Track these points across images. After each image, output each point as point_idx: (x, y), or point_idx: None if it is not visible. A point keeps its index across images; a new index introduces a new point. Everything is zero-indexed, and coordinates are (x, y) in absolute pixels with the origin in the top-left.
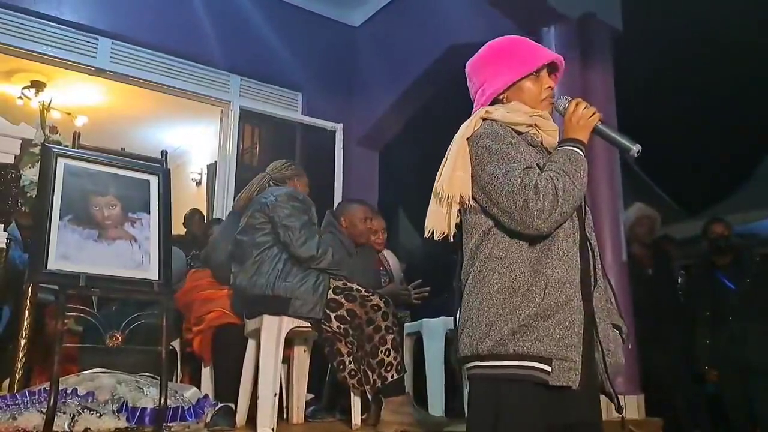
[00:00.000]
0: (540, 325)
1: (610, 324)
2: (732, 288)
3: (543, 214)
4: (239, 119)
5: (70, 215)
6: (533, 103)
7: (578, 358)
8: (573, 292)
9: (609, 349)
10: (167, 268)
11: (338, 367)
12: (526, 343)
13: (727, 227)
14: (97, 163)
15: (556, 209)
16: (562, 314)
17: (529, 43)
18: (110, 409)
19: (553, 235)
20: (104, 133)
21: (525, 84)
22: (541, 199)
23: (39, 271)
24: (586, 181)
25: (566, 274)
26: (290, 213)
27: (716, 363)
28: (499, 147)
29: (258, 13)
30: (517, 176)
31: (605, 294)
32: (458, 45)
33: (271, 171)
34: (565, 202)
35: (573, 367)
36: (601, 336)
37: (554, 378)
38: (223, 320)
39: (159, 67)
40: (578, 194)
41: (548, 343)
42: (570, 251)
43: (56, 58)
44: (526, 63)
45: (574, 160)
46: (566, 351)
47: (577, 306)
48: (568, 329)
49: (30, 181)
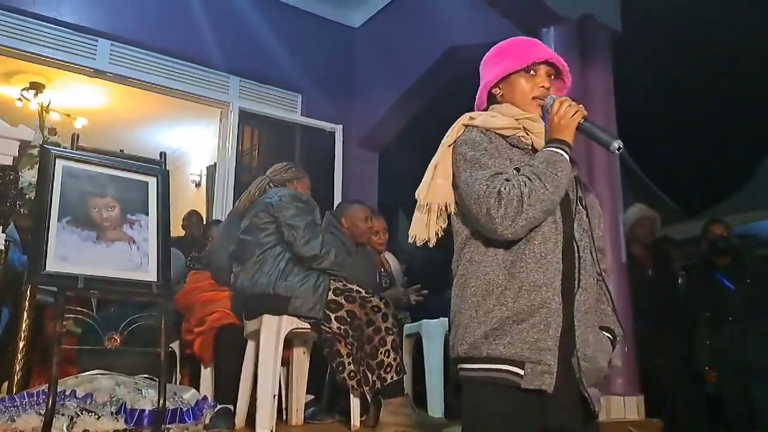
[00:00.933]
0: (513, 328)
1: (594, 328)
2: (732, 289)
3: (506, 221)
4: (238, 121)
5: (68, 217)
6: (523, 101)
7: (553, 361)
8: (551, 295)
9: (585, 353)
10: (166, 270)
11: (338, 368)
12: (499, 347)
13: (726, 228)
14: (96, 165)
15: (520, 215)
16: (538, 317)
17: (529, 42)
18: (109, 410)
19: (530, 238)
20: (103, 135)
21: (517, 79)
22: (503, 206)
23: (37, 273)
24: (565, 182)
25: (543, 277)
26: (295, 213)
27: (716, 364)
28: (473, 154)
29: (257, 15)
30: (483, 183)
31: (593, 297)
32: (458, 46)
33: (271, 174)
34: (531, 207)
35: (547, 371)
36: (578, 340)
37: (527, 381)
38: (225, 321)
39: (158, 68)
40: (549, 197)
41: (521, 346)
42: (549, 254)
43: (55, 59)
44: (518, 58)
45: (552, 161)
46: (539, 354)
47: (555, 309)
48: (542, 332)
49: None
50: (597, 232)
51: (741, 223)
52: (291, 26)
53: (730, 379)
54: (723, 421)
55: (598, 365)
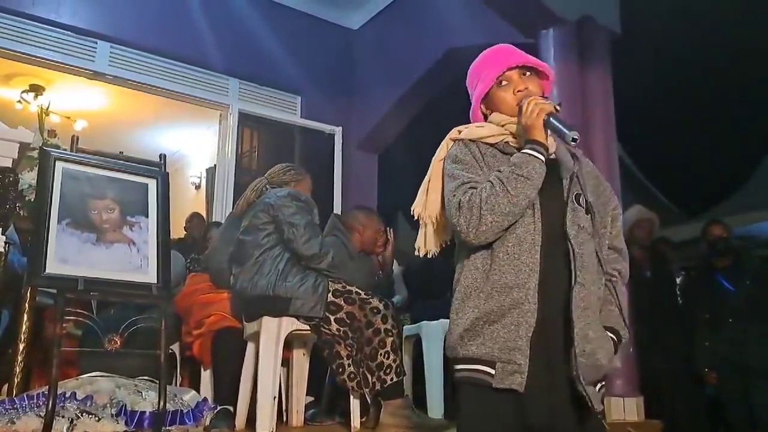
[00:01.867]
0: (486, 329)
1: (597, 325)
2: (731, 290)
3: (469, 228)
4: (238, 122)
5: (68, 219)
6: (510, 111)
7: (523, 361)
8: (523, 296)
9: (584, 349)
10: (166, 272)
11: (337, 369)
12: (472, 347)
13: (726, 229)
14: (96, 167)
15: (480, 221)
16: (510, 318)
17: (494, 53)
18: (109, 412)
19: (504, 240)
20: (103, 137)
21: (495, 94)
22: (463, 215)
23: (37, 275)
24: (533, 182)
25: (515, 278)
26: (295, 211)
27: (715, 365)
28: (450, 168)
29: (257, 17)
30: (450, 195)
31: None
32: (457, 48)
33: (269, 176)
34: (489, 212)
35: (517, 370)
36: (577, 336)
37: (497, 381)
38: (223, 324)
39: (158, 70)
40: (510, 201)
41: (491, 346)
42: (523, 255)
43: (55, 62)
44: (487, 76)
45: (519, 164)
46: (509, 354)
47: (528, 309)
48: (512, 332)
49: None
50: (610, 230)
51: (740, 224)
52: (290, 28)
53: (729, 381)
54: (723, 423)
55: (597, 362)
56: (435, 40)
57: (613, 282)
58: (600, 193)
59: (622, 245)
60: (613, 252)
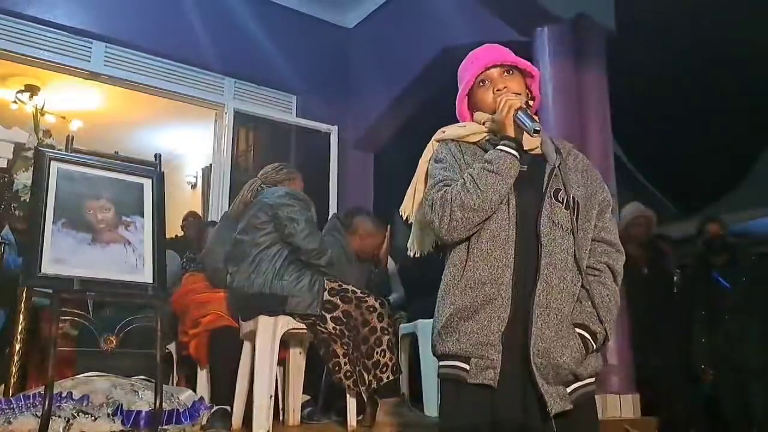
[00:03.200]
0: (461, 325)
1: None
2: (728, 287)
3: (441, 224)
4: (234, 122)
5: (63, 219)
6: (490, 109)
7: (496, 356)
8: (495, 291)
9: (538, 348)
10: (161, 272)
11: (334, 368)
12: (448, 343)
13: (722, 226)
14: (91, 167)
15: (449, 218)
16: (483, 313)
17: (476, 54)
18: (105, 412)
19: (478, 237)
20: (99, 137)
21: (476, 95)
22: (436, 212)
23: (32, 275)
24: (505, 179)
25: (488, 273)
26: (295, 208)
27: (712, 362)
28: (432, 168)
29: (252, 16)
30: (427, 194)
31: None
32: (452, 47)
33: (262, 176)
34: (459, 208)
35: (491, 365)
36: (533, 335)
37: (472, 376)
38: (219, 323)
39: (153, 70)
40: (479, 197)
41: (466, 342)
42: (497, 250)
43: (50, 62)
44: (467, 76)
45: (489, 160)
46: (483, 349)
47: (502, 304)
48: (485, 328)
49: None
50: (597, 222)
51: (737, 221)
52: (285, 27)
53: (726, 378)
54: (720, 420)
55: (554, 361)
56: (430, 38)
57: (596, 276)
58: (588, 185)
59: (612, 238)
60: (603, 244)
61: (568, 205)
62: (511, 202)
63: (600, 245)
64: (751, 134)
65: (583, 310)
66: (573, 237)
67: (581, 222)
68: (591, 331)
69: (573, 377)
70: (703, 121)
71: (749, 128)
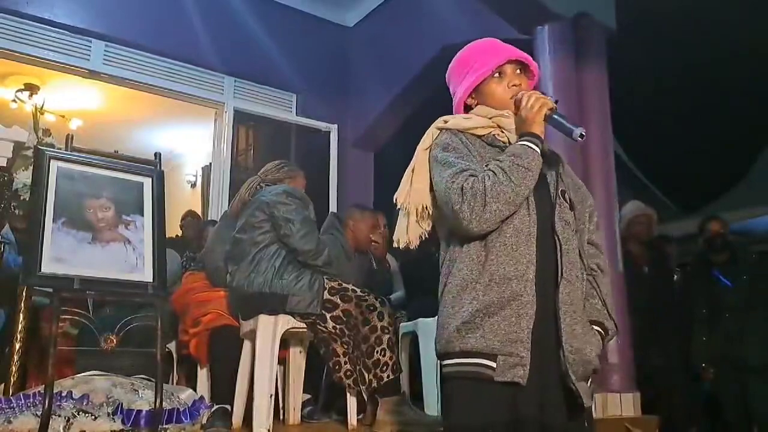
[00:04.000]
0: (486, 321)
1: (583, 320)
2: (729, 285)
3: (472, 215)
4: (233, 121)
5: (63, 218)
6: (500, 104)
7: (525, 353)
8: (522, 287)
9: (572, 345)
10: (162, 271)
11: (334, 367)
12: (471, 340)
13: (723, 225)
14: (91, 166)
15: (483, 208)
16: (509, 310)
17: (489, 45)
18: (105, 411)
19: (501, 231)
20: (98, 136)
21: (488, 87)
22: (466, 201)
23: (32, 275)
24: (533, 173)
25: (514, 269)
26: (292, 208)
27: (713, 361)
28: (443, 155)
29: (251, 15)
30: (447, 181)
31: (579, 290)
32: (452, 45)
33: (263, 174)
34: (494, 200)
35: (519, 363)
36: (564, 332)
37: (499, 374)
38: (219, 322)
39: (153, 69)
40: (513, 189)
41: (492, 339)
42: (521, 246)
43: (50, 60)
44: (482, 66)
45: (517, 155)
46: (511, 347)
47: (528, 301)
48: (514, 324)
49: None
50: (588, 226)
51: (738, 219)
52: (285, 26)
53: (727, 376)
54: (720, 418)
55: (585, 357)
56: (430, 37)
57: (594, 276)
58: (577, 191)
59: (600, 241)
60: (593, 247)
61: (572, 206)
62: (530, 199)
63: (590, 248)
64: (752, 132)
65: (593, 307)
66: (578, 237)
67: (579, 224)
68: (605, 328)
69: (591, 373)
70: (703, 120)
71: (750, 126)
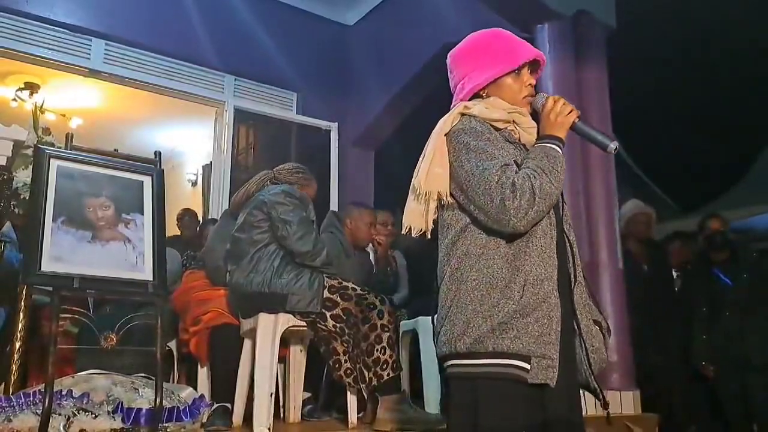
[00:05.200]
0: (519, 322)
1: (592, 320)
2: (729, 284)
3: (520, 212)
4: (234, 119)
5: (63, 217)
6: (513, 100)
7: (556, 355)
8: (551, 290)
9: (593, 345)
10: (162, 269)
11: (334, 366)
12: (505, 341)
13: (723, 223)
14: (90, 165)
15: (532, 208)
16: (541, 311)
17: (511, 39)
18: (105, 410)
19: (531, 233)
20: (98, 135)
21: (506, 81)
22: (518, 197)
23: (32, 273)
24: (563, 178)
25: (544, 271)
26: (289, 208)
27: (713, 359)
28: (477, 143)
29: (251, 13)
30: (494, 174)
31: (586, 291)
32: (452, 43)
33: (276, 172)
34: (542, 200)
35: (551, 365)
36: (584, 332)
37: (533, 376)
38: (219, 320)
39: (153, 68)
40: (555, 192)
41: (527, 340)
42: (548, 248)
43: (50, 59)
44: (508, 60)
45: (552, 157)
46: (545, 348)
47: (555, 303)
48: (546, 326)
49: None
50: None
51: (738, 218)
52: (285, 24)
53: (727, 374)
54: (720, 416)
55: (602, 356)
56: (430, 35)
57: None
58: None
59: None
60: None
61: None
62: None
63: None
64: (752, 131)
65: (592, 308)
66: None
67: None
68: (602, 327)
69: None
70: (703, 118)
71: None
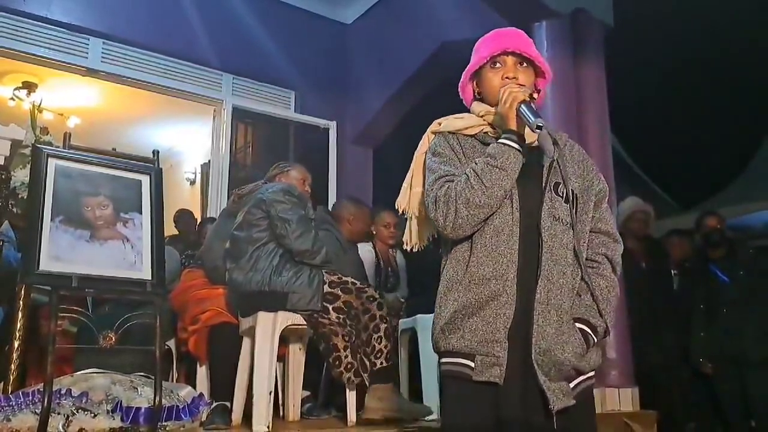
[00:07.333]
0: (465, 322)
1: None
2: (726, 281)
3: (445, 221)
4: (232, 118)
5: (61, 216)
6: (494, 93)
7: (502, 353)
8: (501, 288)
9: (540, 346)
10: (160, 268)
11: (334, 363)
12: (452, 340)
13: (720, 220)
14: (89, 164)
15: (454, 215)
16: (488, 310)
17: (493, 34)
18: (104, 409)
19: (482, 232)
20: (96, 134)
21: (485, 73)
22: (440, 209)
23: (30, 273)
24: (509, 174)
25: (493, 270)
26: (287, 207)
27: (711, 355)
28: (430, 161)
29: (249, 11)
30: (428, 189)
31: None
32: (450, 41)
33: (265, 177)
34: (464, 205)
35: (496, 363)
36: (535, 333)
37: (477, 374)
38: (218, 319)
39: (151, 66)
40: (484, 193)
41: (470, 339)
42: (501, 246)
43: (47, 58)
44: (482, 51)
45: (493, 155)
46: (488, 346)
47: (507, 301)
48: (491, 324)
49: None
50: (594, 214)
51: (735, 215)
52: (283, 23)
53: (725, 371)
54: (719, 412)
55: (555, 358)
56: (428, 33)
57: (594, 268)
58: (585, 176)
59: (610, 228)
60: (601, 235)
61: (568, 198)
62: (514, 197)
63: (597, 236)
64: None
65: (583, 304)
66: (573, 231)
67: (580, 214)
68: (591, 325)
69: (575, 372)
70: (701, 116)
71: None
